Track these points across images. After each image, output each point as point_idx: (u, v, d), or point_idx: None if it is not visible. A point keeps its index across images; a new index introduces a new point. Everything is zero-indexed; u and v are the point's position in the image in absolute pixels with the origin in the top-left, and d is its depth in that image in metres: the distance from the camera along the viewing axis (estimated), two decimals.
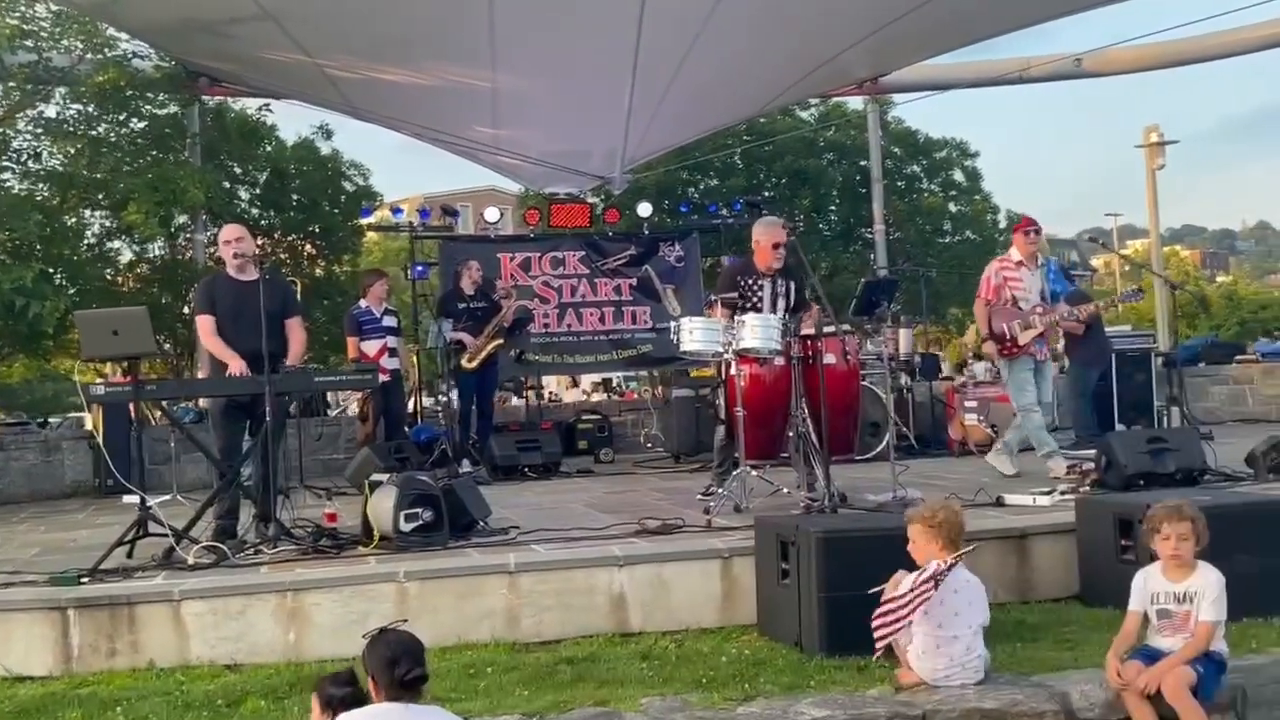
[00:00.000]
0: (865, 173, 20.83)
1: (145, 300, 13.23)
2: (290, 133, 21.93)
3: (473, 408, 11.77)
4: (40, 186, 14.56)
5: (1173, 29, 16.28)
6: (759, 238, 8.32)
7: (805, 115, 24.30)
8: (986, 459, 9.49)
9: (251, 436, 7.51)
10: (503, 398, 16.42)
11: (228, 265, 7.75)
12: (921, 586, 4.66)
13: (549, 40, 12.19)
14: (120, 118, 14.89)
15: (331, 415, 14.17)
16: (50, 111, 14.50)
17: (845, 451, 8.07)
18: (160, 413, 11.81)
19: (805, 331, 7.81)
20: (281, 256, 17.82)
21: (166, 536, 6.81)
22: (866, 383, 10.43)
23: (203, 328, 7.66)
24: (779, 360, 7.68)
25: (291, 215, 17.70)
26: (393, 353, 11.56)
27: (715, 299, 8.25)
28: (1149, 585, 4.75)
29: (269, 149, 17.50)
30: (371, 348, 11.43)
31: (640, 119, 13.51)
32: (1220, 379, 15.03)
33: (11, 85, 13.49)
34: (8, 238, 12.72)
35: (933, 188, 25.92)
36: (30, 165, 14.44)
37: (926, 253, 22.93)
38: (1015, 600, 6.29)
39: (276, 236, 17.88)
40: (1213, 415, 13.92)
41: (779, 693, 4.82)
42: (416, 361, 13.34)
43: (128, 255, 16.72)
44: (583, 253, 14.62)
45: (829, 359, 7.66)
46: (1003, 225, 26.88)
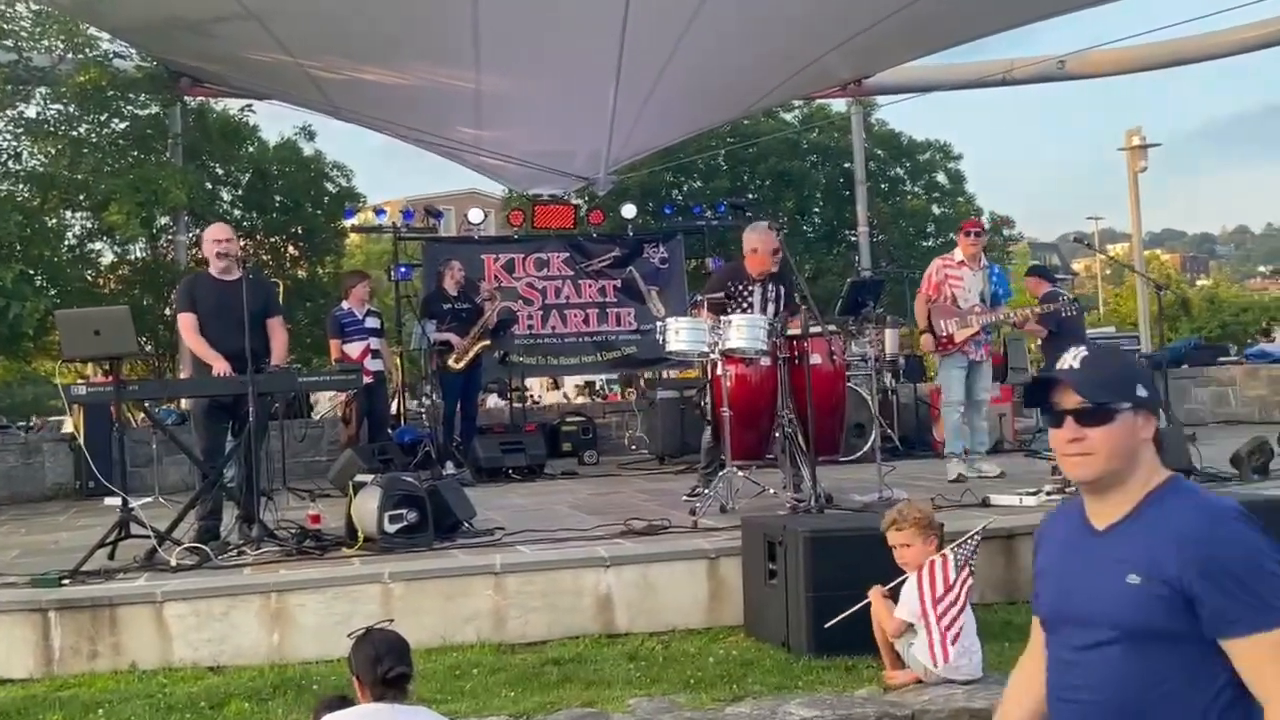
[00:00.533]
0: (849, 175, 20.85)
1: (127, 302, 13.12)
2: (273, 133, 21.92)
3: (457, 409, 11.73)
4: (20, 187, 14.47)
5: (1155, 30, 16.33)
6: (756, 245, 8.18)
7: (789, 117, 24.29)
8: (975, 468, 9.37)
9: (234, 437, 7.46)
10: (481, 399, 16.35)
11: (211, 265, 7.71)
12: (963, 576, 4.68)
13: (533, 41, 12.16)
14: (101, 118, 14.81)
15: (316, 418, 14.09)
16: (30, 111, 14.43)
17: (831, 452, 8.06)
18: (142, 415, 11.73)
19: (791, 332, 7.79)
20: (264, 258, 17.74)
21: (149, 538, 6.75)
22: (851, 384, 10.41)
23: (185, 326, 7.60)
24: (765, 361, 7.66)
25: (274, 216, 17.62)
26: (375, 354, 11.51)
27: (701, 299, 8.21)
28: None
29: (251, 150, 17.43)
30: (354, 349, 11.38)
31: (624, 120, 13.48)
32: (1203, 380, 15.09)
33: None
34: None
35: (916, 190, 25.92)
36: (10, 165, 14.36)
37: (910, 255, 22.94)
38: (1003, 601, 6.28)
39: (259, 238, 17.80)
40: (1195, 416, 13.97)
41: (767, 693, 4.80)
42: (400, 363, 13.29)
43: (109, 256, 16.65)
44: (567, 254, 14.59)
45: (815, 359, 7.65)
46: (986, 228, 26.94)
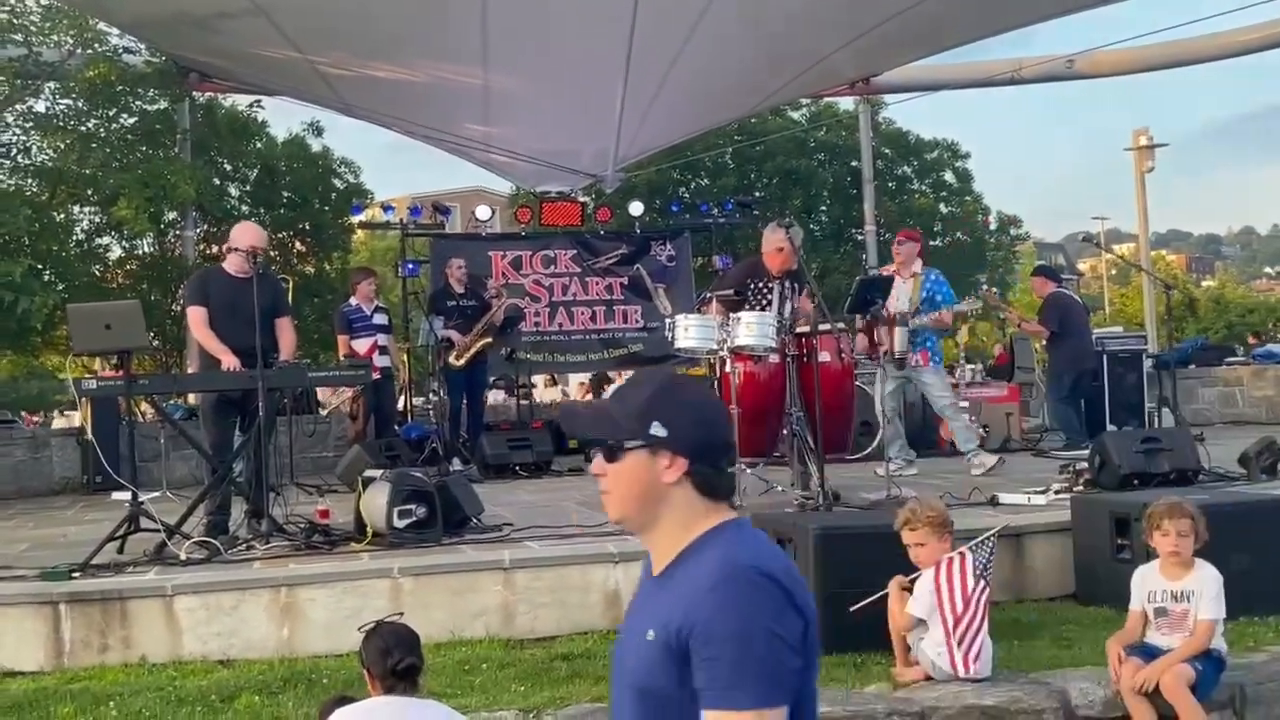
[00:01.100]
0: (856, 173, 20.85)
1: (134, 297, 13.17)
2: (281, 129, 21.86)
3: (463, 405, 11.74)
4: (29, 182, 14.51)
5: (1162, 30, 16.36)
6: (781, 244, 8.12)
7: (796, 115, 24.32)
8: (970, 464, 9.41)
9: (243, 432, 7.46)
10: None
11: (229, 261, 7.69)
12: (979, 590, 4.72)
13: (541, 38, 12.18)
14: (110, 113, 14.87)
15: (324, 414, 14.10)
16: (40, 106, 14.50)
17: (839, 450, 8.07)
18: (150, 410, 11.75)
19: (800, 329, 7.79)
20: (271, 254, 17.75)
21: (158, 532, 6.75)
22: (859, 383, 10.42)
23: (194, 319, 7.59)
24: (774, 358, 7.66)
25: (281, 212, 17.65)
26: (383, 350, 11.52)
27: (710, 296, 8.19)
28: (1146, 583, 4.75)
29: (259, 146, 17.47)
30: (362, 345, 11.39)
31: (632, 117, 13.49)
32: (1210, 381, 15.06)
33: (0, 79, 13.41)
34: None
35: (923, 189, 25.94)
36: (19, 160, 14.41)
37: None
38: (1011, 599, 6.27)
39: (266, 234, 17.81)
40: (1202, 417, 13.95)
41: None
42: (406, 360, 13.30)
43: (117, 251, 16.70)
44: (574, 251, 14.57)
45: (824, 357, 7.65)
46: (993, 227, 26.92)
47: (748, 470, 7.62)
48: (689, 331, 7.66)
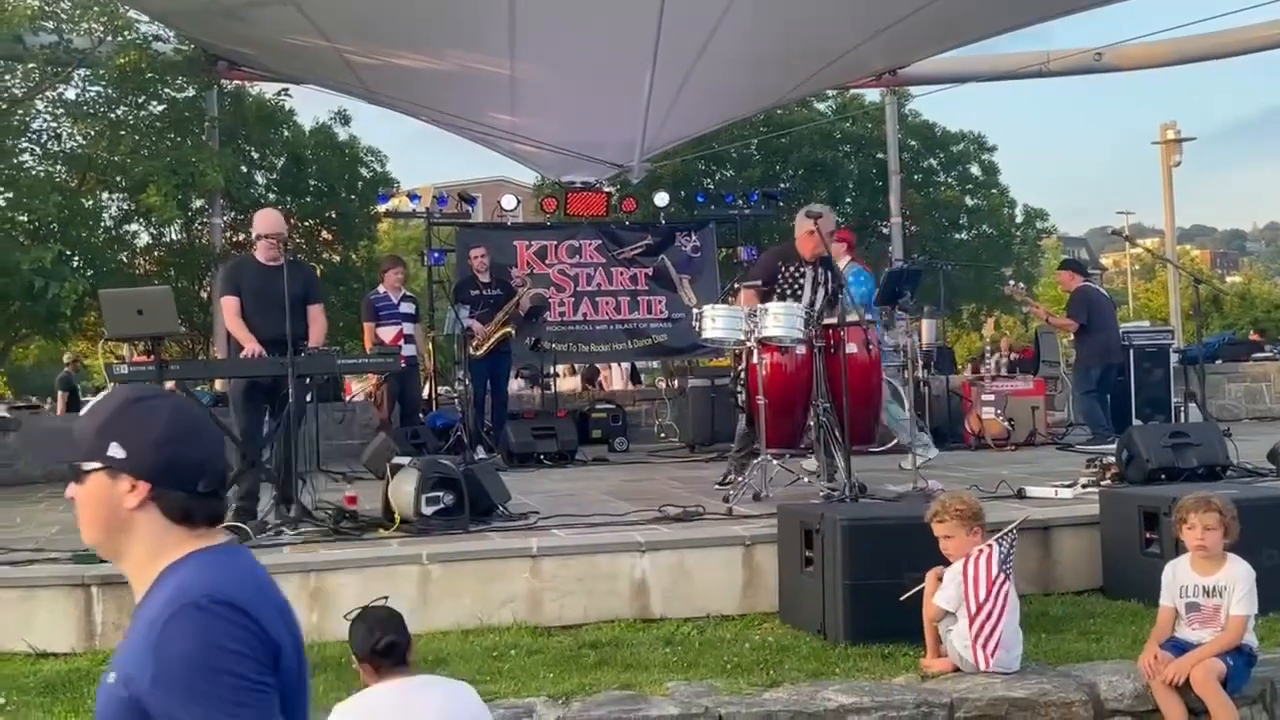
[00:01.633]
0: (882, 165, 20.78)
1: (161, 284, 13.25)
2: (308, 118, 22.03)
3: (486, 394, 11.79)
4: (59, 168, 14.61)
5: (1193, 24, 16.26)
6: (817, 226, 7.98)
7: (822, 107, 24.23)
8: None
9: (272, 419, 7.50)
10: None
11: (257, 250, 7.73)
12: (1000, 581, 4.70)
13: (568, 28, 12.18)
14: (139, 100, 14.95)
15: (347, 401, 14.17)
16: (70, 93, 14.59)
17: (865, 442, 8.06)
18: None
19: (828, 320, 7.78)
20: (298, 241, 17.85)
21: None
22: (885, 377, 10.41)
23: (227, 309, 7.64)
24: (800, 349, 7.65)
25: (308, 201, 17.75)
26: (409, 339, 11.56)
27: (739, 286, 8.18)
28: (1178, 578, 4.73)
29: (287, 134, 17.56)
30: (388, 334, 11.42)
31: (659, 108, 13.48)
32: (1237, 376, 14.99)
33: (32, 66, 13.53)
34: (27, 219, 12.74)
35: (949, 181, 25.82)
36: (50, 146, 14.49)
37: (941, 247, 22.87)
38: (1038, 593, 6.25)
39: (293, 222, 17.89)
40: (1228, 412, 13.89)
41: (804, 679, 4.81)
42: (431, 348, 13.35)
43: (145, 238, 16.79)
44: (599, 241, 14.58)
45: (851, 348, 7.64)
46: (1019, 220, 26.78)
47: (774, 461, 7.61)
48: (716, 322, 7.67)
